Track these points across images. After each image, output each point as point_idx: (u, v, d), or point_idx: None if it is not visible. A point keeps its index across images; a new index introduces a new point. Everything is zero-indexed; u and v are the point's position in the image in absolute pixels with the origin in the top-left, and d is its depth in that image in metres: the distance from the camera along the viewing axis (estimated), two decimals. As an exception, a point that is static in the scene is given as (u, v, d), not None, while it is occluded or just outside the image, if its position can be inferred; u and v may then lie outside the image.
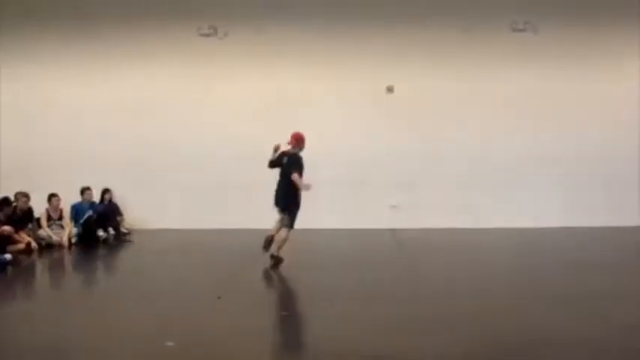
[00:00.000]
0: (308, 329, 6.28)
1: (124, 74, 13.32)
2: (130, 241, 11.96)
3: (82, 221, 11.77)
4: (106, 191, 12.84)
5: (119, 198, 13.04)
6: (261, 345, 5.51)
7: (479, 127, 13.26)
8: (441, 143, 13.09)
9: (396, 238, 12.10)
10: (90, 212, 11.95)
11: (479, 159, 13.23)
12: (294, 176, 8.72)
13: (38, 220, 11.38)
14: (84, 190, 12.19)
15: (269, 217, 9.10)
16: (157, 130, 13.31)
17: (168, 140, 13.32)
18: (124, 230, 12.36)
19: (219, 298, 7.02)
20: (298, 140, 9.04)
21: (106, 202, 12.78)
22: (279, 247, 8.85)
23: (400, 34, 13.21)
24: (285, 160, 8.99)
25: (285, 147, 9.05)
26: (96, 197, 12.63)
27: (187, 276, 8.58)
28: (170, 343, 5.35)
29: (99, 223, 11.98)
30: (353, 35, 13.22)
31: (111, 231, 12.15)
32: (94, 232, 11.76)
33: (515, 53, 13.30)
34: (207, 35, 13.28)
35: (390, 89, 13.31)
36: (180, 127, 13.33)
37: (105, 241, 11.85)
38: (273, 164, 9.14)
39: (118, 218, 12.70)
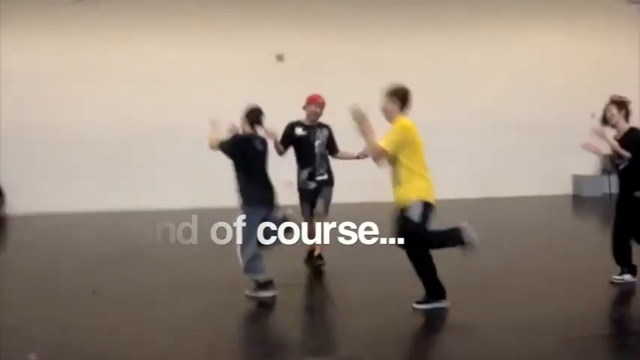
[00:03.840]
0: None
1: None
2: None
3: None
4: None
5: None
6: (133, 345, 5.02)
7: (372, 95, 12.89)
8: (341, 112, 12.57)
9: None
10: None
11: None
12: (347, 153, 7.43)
13: None
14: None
15: (160, 196, 8.31)
16: (25, 103, 12.24)
17: (37, 115, 12.24)
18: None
19: (94, 293, 6.41)
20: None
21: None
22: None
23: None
24: (319, 132, 7.36)
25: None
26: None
27: (62, 268, 7.79)
28: (32, 357, 4.75)
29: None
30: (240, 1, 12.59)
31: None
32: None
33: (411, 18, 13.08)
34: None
35: (280, 58, 12.78)
36: (51, 100, 12.29)
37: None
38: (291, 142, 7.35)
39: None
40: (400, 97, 5.74)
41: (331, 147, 7.48)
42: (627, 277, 6.38)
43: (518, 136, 13.36)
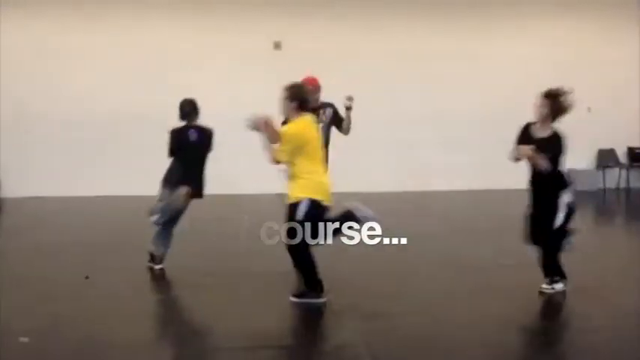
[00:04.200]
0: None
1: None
2: None
3: None
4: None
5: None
6: (131, 331, 5.01)
7: (373, 85, 12.80)
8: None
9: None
10: None
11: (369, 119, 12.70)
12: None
13: None
14: None
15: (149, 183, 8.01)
16: (22, 86, 12.09)
17: (37, 98, 12.11)
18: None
19: (86, 278, 6.39)
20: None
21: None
22: None
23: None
24: (322, 113, 6.54)
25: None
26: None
27: (52, 252, 7.74)
28: (24, 339, 4.74)
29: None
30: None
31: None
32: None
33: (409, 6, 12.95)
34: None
35: (277, 45, 12.65)
36: (41, 81, 12.16)
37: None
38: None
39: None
40: (295, 96, 5.62)
41: (338, 123, 6.65)
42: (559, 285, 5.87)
43: (513, 129, 13.28)
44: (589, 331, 5.10)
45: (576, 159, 13.53)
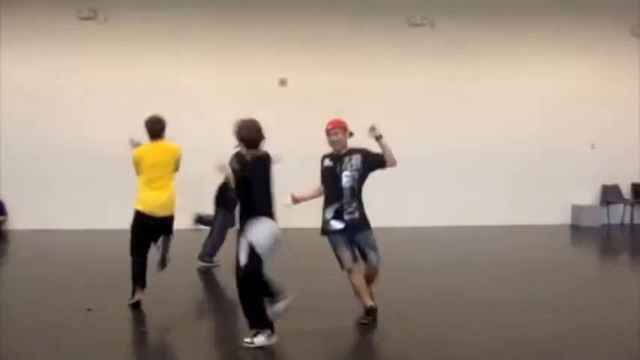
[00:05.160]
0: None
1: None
2: None
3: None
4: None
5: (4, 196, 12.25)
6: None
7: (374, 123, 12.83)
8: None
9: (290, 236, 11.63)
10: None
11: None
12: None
13: None
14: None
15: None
16: (30, 122, 12.31)
17: (46, 133, 12.30)
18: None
19: (89, 310, 6.43)
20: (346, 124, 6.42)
21: (-14, 200, 11.98)
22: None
23: (295, 26, 12.75)
24: (348, 160, 6.25)
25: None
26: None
27: (57, 284, 7.82)
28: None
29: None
30: (244, 24, 12.63)
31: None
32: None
33: (413, 47, 13.13)
34: (88, 19, 12.39)
35: (283, 82, 12.81)
36: (53, 115, 12.37)
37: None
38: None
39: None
40: (146, 127, 7.00)
41: (375, 164, 6.25)
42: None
43: (518, 165, 13.39)
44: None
45: (581, 195, 13.66)
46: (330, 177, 6.22)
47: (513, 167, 13.40)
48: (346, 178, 6.13)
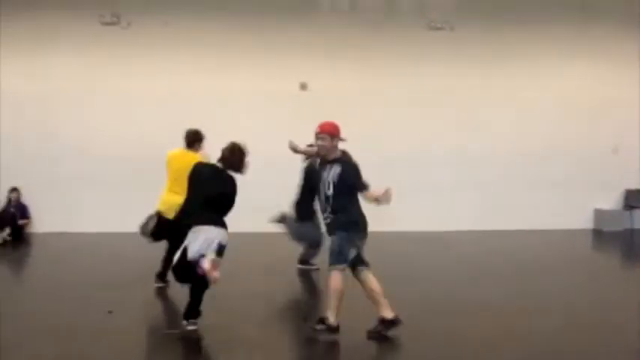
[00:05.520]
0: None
1: (16, 63, 12.39)
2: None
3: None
4: (11, 190, 12.18)
5: (29, 199, 12.35)
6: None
7: (397, 127, 12.88)
8: (362, 144, 12.50)
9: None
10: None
11: (395, 159, 12.63)
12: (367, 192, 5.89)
13: None
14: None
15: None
16: (53, 126, 12.46)
17: (68, 137, 12.43)
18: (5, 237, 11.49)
19: (110, 312, 6.48)
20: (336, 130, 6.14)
21: (13, 202, 12.11)
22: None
23: (314, 30, 12.78)
24: (330, 168, 6.05)
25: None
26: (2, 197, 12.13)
27: (79, 287, 7.87)
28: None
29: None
30: (264, 29, 12.66)
31: (6, 233, 11.46)
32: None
33: (432, 51, 13.07)
34: (110, 24, 12.52)
35: (303, 86, 12.80)
36: (75, 120, 12.49)
37: (4, 245, 11.21)
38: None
39: (21, 221, 12.04)
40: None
41: (348, 184, 5.95)
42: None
43: (539, 169, 13.30)
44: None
45: (603, 199, 13.52)
46: (318, 180, 6.17)
47: (534, 171, 13.31)
48: (325, 185, 6.01)
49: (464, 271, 9.08)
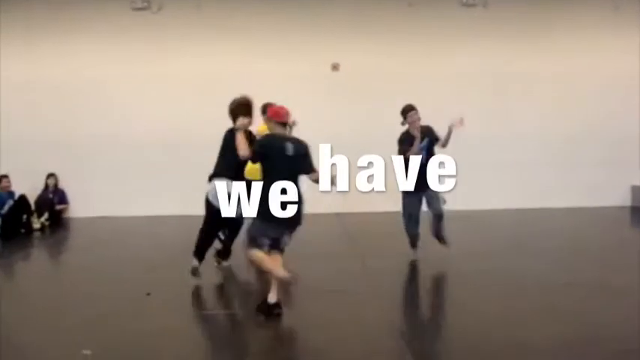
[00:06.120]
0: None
1: (48, 51, 12.61)
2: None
3: (3, 212, 10.99)
4: (49, 176, 12.39)
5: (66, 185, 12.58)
6: (185, 346, 5.12)
7: (430, 106, 12.67)
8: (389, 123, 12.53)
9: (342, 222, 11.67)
10: (10, 202, 11.20)
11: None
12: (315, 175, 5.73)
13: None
14: (0, 179, 11.47)
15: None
16: (89, 112, 12.63)
17: (103, 123, 12.59)
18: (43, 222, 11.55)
19: (148, 294, 6.55)
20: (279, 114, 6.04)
21: (50, 188, 12.32)
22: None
23: (345, 10, 12.72)
24: (289, 147, 5.75)
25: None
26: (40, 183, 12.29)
27: (115, 269, 7.96)
28: (87, 352, 4.90)
29: (36, 211, 11.53)
30: (296, 10, 12.67)
31: (44, 217, 11.56)
32: (19, 222, 11.04)
33: (466, 28, 12.88)
34: (141, 9, 12.59)
35: (335, 67, 12.76)
36: (108, 107, 12.64)
37: (42, 230, 11.33)
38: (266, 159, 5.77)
39: (59, 206, 12.25)
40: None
41: None
42: None
43: (577, 147, 13.07)
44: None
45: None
46: None
47: (572, 148, 13.09)
48: None
49: (503, 250, 8.89)
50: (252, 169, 6.42)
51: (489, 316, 5.77)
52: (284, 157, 5.67)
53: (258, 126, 7.54)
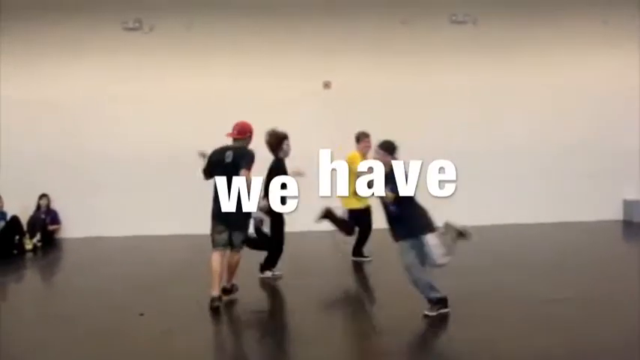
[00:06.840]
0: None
1: (42, 71, 12.63)
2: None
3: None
4: (41, 197, 12.34)
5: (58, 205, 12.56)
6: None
7: (422, 121, 12.81)
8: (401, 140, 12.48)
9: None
10: (2, 223, 11.23)
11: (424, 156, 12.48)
12: (244, 173, 6.60)
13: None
14: (-8, 199, 11.47)
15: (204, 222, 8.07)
16: (78, 130, 12.64)
17: (90, 140, 12.59)
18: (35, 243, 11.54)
19: (141, 315, 6.54)
20: (243, 130, 7.16)
21: (43, 208, 12.28)
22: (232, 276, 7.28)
23: (336, 28, 12.78)
24: (228, 155, 6.93)
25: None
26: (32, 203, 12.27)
27: (108, 290, 7.96)
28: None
29: (28, 231, 11.52)
30: (287, 29, 12.73)
31: (37, 238, 11.55)
32: (12, 243, 11.02)
33: (456, 45, 12.98)
34: (133, 30, 12.66)
35: (327, 85, 12.83)
36: (102, 126, 12.64)
37: (35, 250, 11.30)
38: (211, 170, 7.11)
39: (51, 227, 12.23)
40: None
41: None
42: None
43: (567, 161, 13.13)
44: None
45: (632, 189, 13.34)
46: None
47: (562, 162, 13.15)
48: None
49: (496, 266, 8.91)
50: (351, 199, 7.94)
51: (478, 331, 5.79)
52: None
53: (348, 154, 8.72)
